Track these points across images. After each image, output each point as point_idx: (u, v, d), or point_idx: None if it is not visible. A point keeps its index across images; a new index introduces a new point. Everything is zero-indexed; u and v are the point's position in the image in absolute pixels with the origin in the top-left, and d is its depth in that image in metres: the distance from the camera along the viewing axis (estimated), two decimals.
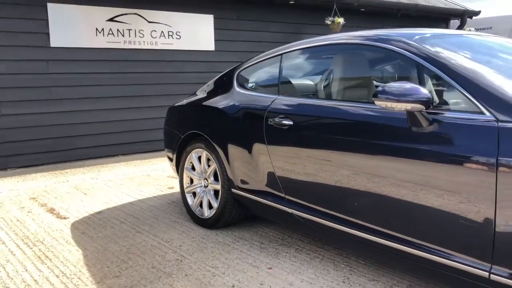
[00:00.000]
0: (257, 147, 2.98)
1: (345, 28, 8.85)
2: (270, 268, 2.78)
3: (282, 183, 2.85)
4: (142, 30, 6.92)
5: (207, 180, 3.53)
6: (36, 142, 6.06)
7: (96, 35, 6.52)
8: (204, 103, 3.59)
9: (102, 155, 6.56)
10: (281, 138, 2.81)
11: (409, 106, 2.03)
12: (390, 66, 2.67)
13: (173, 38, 7.22)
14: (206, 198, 3.53)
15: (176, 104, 4.01)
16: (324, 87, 2.90)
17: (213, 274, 2.72)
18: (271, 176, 2.92)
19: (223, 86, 3.55)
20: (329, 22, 8.46)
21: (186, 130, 3.62)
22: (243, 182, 3.15)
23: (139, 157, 6.57)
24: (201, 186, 3.60)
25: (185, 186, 3.73)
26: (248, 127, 3.07)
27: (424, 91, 2.03)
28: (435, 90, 2.22)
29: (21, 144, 5.95)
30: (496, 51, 2.61)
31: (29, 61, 5.99)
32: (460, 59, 2.19)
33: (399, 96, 2.03)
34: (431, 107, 2.05)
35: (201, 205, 3.58)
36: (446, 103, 2.16)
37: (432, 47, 2.28)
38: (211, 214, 3.45)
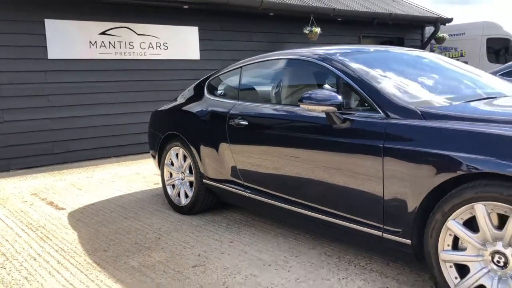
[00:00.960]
0: (222, 144, 3.60)
1: (323, 36, 9.52)
2: (232, 242, 3.40)
3: (241, 173, 3.48)
4: (132, 42, 7.55)
5: (183, 173, 4.15)
6: (36, 146, 6.67)
7: (90, 47, 7.14)
8: (180, 108, 4.22)
9: (97, 157, 7.18)
10: (239, 136, 3.44)
11: (325, 108, 2.65)
12: (318, 76, 3.28)
13: (160, 48, 7.85)
14: (183, 189, 4.15)
15: (158, 109, 4.63)
16: (271, 93, 3.54)
17: (184, 247, 3.33)
18: (233, 168, 3.55)
19: (196, 93, 4.18)
20: (307, 32, 9.11)
21: (166, 131, 4.25)
22: (212, 173, 3.78)
23: (130, 158, 7.18)
24: (179, 179, 4.22)
25: (165, 179, 4.35)
26: (215, 128, 3.69)
27: (336, 96, 2.65)
28: (347, 95, 2.83)
29: (22, 148, 6.56)
30: (403, 62, 3.24)
31: (29, 72, 6.61)
32: (366, 71, 2.83)
33: (318, 101, 2.66)
34: (343, 108, 2.68)
35: (179, 195, 4.19)
36: (354, 105, 2.78)
37: (349, 61, 2.92)
38: (187, 202, 4.07)
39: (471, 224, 2.14)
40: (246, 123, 3.37)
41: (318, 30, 9.10)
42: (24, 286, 2.77)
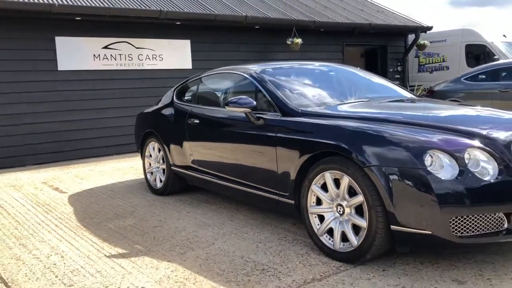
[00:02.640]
0: (183, 139, 4.66)
1: (307, 45, 10.52)
2: (188, 213, 4.44)
3: (196, 160, 4.53)
4: (131, 54, 8.68)
5: (158, 163, 5.22)
6: (47, 145, 7.83)
7: (94, 59, 8.29)
8: (156, 110, 5.29)
9: (100, 154, 8.31)
10: (194, 132, 4.50)
11: (243, 109, 3.69)
12: (246, 86, 4.29)
13: (156, 60, 8.97)
14: (158, 175, 5.22)
15: (141, 112, 5.72)
16: (216, 98, 4.59)
17: (151, 216, 4.39)
18: (191, 157, 4.60)
19: (168, 98, 5.25)
20: (289, 43, 10.13)
21: (145, 129, 5.33)
22: (178, 162, 4.83)
23: (129, 155, 8.28)
24: (155, 167, 5.29)
25: (146, 168, 5.43)
26: (178, 126, 4.75)
27: (252, 101, 3.68)
28: (261, 100, 3.85)
29: (36, 146, 7.72)
30: (310, 75, 4.26)
31: (42, 82, 7.77)
32: (276, 83, 3.86)
33: (239, 104, 3.70)
34: (257, 110, 3.71)
35: (155, 180, 5.26)
36: (265, 107, 3.80)
37: (265, 76, 3.95)
38: (161, 186, 5.14)
39: (325, 187, 3.15)
40: (198, 121, 4.43)
41: (299, 41, 10.10)
42: (30, 238, 3.86)
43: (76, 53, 8.10)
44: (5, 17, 7.31)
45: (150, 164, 5.39)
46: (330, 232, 3.13)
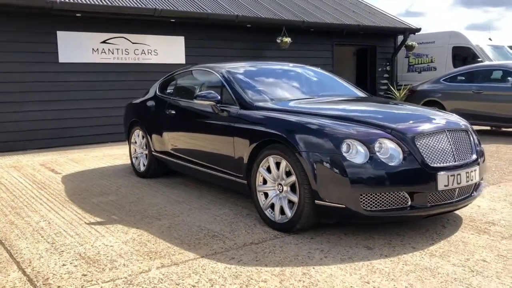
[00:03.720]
0: (162, 127, 5.26)
1: (296, 44, 11.08)
2: (164, 192, 5.05)
3: (172, 146, 5.13)
4: (128, 49, 9.29)
5: (142, 148, 5.83)
6: (48, 131, 8.47)
7: (93, 53, 8.91)
8: (141, 101, 5.90)
9: (96, 141, 8.95)
10: (170, 122, 5.10)
11: (208, 102, 4.29)
12: (215, 82, 4.86)
13: (151, 54, 9.57)
14: (142, 160, 5.84)
15: (129, 102, 6.33)
16: (190, 92, 5.19)
17: (131, 194, 5.00)
18: (167, 143, 5.20)
19: (153, 91, 5.85)
20: (278, 41, 10.69)
21: (131, 118, 5.95)
22: (158, 148, 5.44)
23: (123, 144, 8.85)
24: (139, 153, 5.90)
25: (132, 154, 6.06)
26: (158, 116, 5.36)
27: (217, 95, 4.28)
28: (226, 94, 4.44)
29: (37, 132, 8.37)
30: (273, 74, 4.85)
31: (44, 73, 8.40)
32: (239, 80, 4.44)
33: (205, 98, 4.30)
34: (221, 103, 4.30)
35: (139, 164, 5.87)
36: (229, 101, 4.39)
37: (231, 74, 4.54)
38: (144, 169, 5.75)
39: (270, 169, 3.73)
40: (174, 112, 5.03)
41: (288, 40, 10.66)
42: (23, 209, 4.49)
43: (76, 47, 8.72)
44: (12, 12, 7.94)
45: (135, 150, 6.00)
46: (272, 206, 3.72)
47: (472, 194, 3.61)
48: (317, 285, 2.72)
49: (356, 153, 3.24)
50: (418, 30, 13.13)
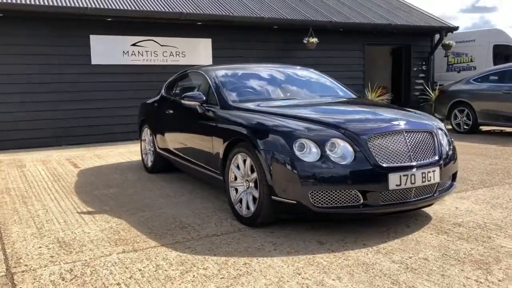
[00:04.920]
0: (164, 125, 5.60)
1: (324, 44, 11.13)
2: (162, 187, 5.38)
3: (170, 144, 5.45)
4: (156, 51, 9.76)
5: (150, 145, 6.20)
6: (79, 129, 9.10)
7: (123, 55, 9.45)
8: (150, 102, 6.28)
9: (124, 139, 9.48)
10: (169, 121, 5.42)
11: (194, 102, 4.57)
12: (204, 83, 5.10)
13: (179, 56, 9.99)
14: (149, 156, 6.21)
15: (142, 102, 6.73)
16: (185, 92, 5.47)
17: (132, 187, 5.37)
18: (167, 141, 5.53)
19: (159, 92, 6.21)
20: (305, 42, 10.80)
21: (141, 117, 6.34)
22: (161, 145, 5.78)
23: None
24: (148, 149, 6.28)
25: (142, 150, 6.45)
26: (161, 115, 5.70)
27: (202, 96, 4.54)
28: (211, 95, 4.68)
29: (70, 129, 9.01)
30: (259, 77, 5.03)
31: (78, 74, 9.04)
32: (224, 82, 4.69)
33: (191, 98, 4.58)
34: (206, 103, 4.56)
35: (148, 160, 6.25)
36: (213, 101, 4.63)
37: (216, 76, 4.79)
38: (151, 165, 6.13)
39: (239, 166, 3.94)
40: (172, 111, 5.35)
41: (315, 40, 10.75)
42: (31, 198, 4.96)
43: (108, 50, 9.29)
44: (49, 18, 8.62)
45: (145, 147, 6.39)
46: (241, 201, 3.93)
47: (435, 195, 3.64)
48: (251, 274, 2.91)
49: (309, 152, 3.39)
50: (456, 28, 12.77)
